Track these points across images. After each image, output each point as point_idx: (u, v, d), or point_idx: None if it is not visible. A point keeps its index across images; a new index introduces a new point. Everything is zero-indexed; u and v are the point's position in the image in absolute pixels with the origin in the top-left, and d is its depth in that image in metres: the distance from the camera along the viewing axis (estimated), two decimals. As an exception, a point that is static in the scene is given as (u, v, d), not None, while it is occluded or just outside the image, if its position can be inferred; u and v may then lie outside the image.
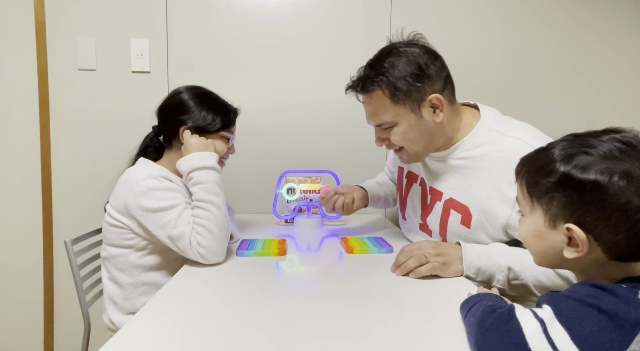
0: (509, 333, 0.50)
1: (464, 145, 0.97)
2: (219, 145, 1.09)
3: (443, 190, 1.00)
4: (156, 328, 0.62)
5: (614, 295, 0.48)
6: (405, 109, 0.92)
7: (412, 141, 0.95)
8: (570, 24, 1.66)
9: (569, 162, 0.52)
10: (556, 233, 0.54)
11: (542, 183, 0.55)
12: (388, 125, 0.95)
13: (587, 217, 0.51)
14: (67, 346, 1.64)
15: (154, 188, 0.95)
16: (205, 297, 0.75)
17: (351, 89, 0.99)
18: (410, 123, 0.93)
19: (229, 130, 1.11)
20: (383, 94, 0.92)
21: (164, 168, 1.04)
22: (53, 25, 1.55)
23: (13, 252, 1.61)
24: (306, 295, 0.77)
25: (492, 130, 0.95)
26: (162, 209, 0.93)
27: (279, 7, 1.60)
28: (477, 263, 0.87)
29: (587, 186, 0.50)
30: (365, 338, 0.59)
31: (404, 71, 0.90)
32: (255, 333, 0.61)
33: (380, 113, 0.94)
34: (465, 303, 0.63)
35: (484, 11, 1.64)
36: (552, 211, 0.54)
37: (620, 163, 0.49)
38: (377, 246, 1.07)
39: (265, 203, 1.61)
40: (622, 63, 1.69)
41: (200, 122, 1.05)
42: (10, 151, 1.59)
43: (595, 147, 0.51)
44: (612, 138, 0.52)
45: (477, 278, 0.87)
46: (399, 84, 0.90)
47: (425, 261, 0.85)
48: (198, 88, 1.10)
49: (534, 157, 0.58)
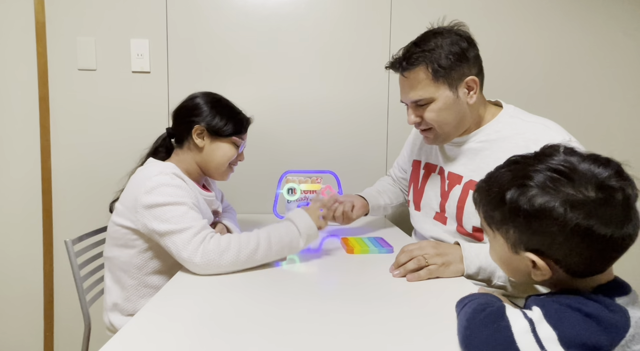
0: (497, 331, 0.50)
1: (486, 130, 1.03)
2: (229, 150, 1.10)
3: (463, 173, 1.03)
4: (156, 328, 0.62)
5: (598, 302, 0.50)
6: (444, 87, 0.97)
7: (444, 119, 0.99)
8: (571, 24, 1.66)
9: (514, 193, 0.53)
10: (520, 258, 0.56)
11: (496, 215, 0.57)
12: (425, 102, 0.99)
13: (541, 243, 0.52)
14: (67, 346, 1.64)
15: (165, 184, 0.94)
16: (205, 297, 0.75)
17: (393, 66, 1.02)
18: (446, 101, 0.97)
19: (240, 136, 1.12)
20: (426, 70, 0.96)
21: (175, 167, 1.03)
22: (53, 25, 1.55)
23: (13, 251, 1.61)
24: (306, 295, 0.77)
25: (514, 117, 1.02)
26: (168, 203, 0.92)
27: (279, 7, 1.60)
28: (478, 262, 0.87)
29: (533, 216, 0.51)
30: (365, 338, 0.59)
31: (447, 50, 0.95)
32: (255, 333, 0.60)
33: (420, 89, 0.98)
34: (460, 301, 0.64)
35: (484, 11, 1.64)
36: (510, 239, 0.56)
37: (556, 193, 0.51)
38: (377, 246, 1.07)
39: (265, 203, 1.61)
40: (623, 63, 1.69)
41: (214, 125, 1.07)
42: (10, 151, 1.59)
43: (532, 178, 0.53)
44: (545, 167, 0.53)
45: (479, 277, 0.88)
46: (442, 62, 0.95)
47: (424, 263, 0.86)
48: (214, 95, 1.13)
49: (486, 186, 0.60)
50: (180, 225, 0.89)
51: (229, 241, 0.88)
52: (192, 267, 0.86)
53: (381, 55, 1.63)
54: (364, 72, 1.63)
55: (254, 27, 1.60)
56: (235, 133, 1.10)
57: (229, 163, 1.12)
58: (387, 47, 1.63)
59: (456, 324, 0.62)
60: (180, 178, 0.99)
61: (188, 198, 0.95)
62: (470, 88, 0.99)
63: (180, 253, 0.87)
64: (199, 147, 1.08)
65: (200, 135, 1.08)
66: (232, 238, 0.90)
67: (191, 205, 0.94)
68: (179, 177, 0.98)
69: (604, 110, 1.69)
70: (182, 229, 0.89)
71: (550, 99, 1.66)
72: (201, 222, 0.92)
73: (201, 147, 1.08)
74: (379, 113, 1.65)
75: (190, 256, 0.86)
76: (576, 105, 1.68)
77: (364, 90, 1.64)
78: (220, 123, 1.08)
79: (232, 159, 1.12)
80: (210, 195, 1.13)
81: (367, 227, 1.38)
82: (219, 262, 0.86)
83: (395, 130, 1.66)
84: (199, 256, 0.85)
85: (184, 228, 0.89)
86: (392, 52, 1.61)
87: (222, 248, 0.87)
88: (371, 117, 1.65)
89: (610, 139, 1.70)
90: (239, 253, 0.87)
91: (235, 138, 1.11)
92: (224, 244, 0.87)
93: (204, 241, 0.87)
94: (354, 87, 1.64)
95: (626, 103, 1.70)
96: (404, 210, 1.59)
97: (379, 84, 1.64)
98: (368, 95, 1.64)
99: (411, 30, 1.61)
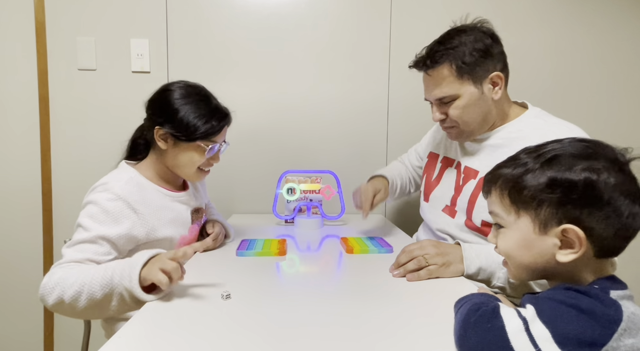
0: (491, 330, 0.50)
1: (508, 128, 1.03)
2: (195, 155, 0.99)
3: (479, 168, 1.03)
4: (156, 328, 0.62)
5: (592, 296, 0.50)
6: (469, 83, 0.97)
7: (469, 116, 1.00)
8: (578, 25, 1.66)
9: (550, 165, 0.53)
10: (547, 238, 0.54)
11: (528, 189, 0.55)
12: (450, 99, 0.99)
13: (580, 215, 0.52)
14: (67, 346, 1.64)
15: (96, 202, 0.90)
16: (204, 297, 0.75)
17: (417, 65, 1.03)
18: (471, 97, 0.98)
19: (209, 139, 1.00)
20: (450, 67, 0.97)
21: (137, 175, 0.99)
22: (53, 25, 1.55)
23: (13, 252, 1.61)
24: (306, 295, 0.77)
25: (538, 118, 1.02)
26: (80, 225, 0.88)
27: (279, 7, 1.60)
28: (478, 263, 0.87)
29: (576, 184, 0.51)
30: (366, 338, 0.59)
31: (471, 47, 0.96)
32: (255, 333, 0.60)
33: (445, 86, 0.98)
34: (459, 301, 0.64)
35: (484, 11, 1.64)
36: (541, 216, 0.54)
37: (594, 161, 0.52)
38: (377, 246, 1.07)
39: (265, 203, 1.61)
40: (625, 63, 1.69)
41: (177, 127, 0.96)
42: (10, 151, 1.59)
43: (565, 149, 0.54)
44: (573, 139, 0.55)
45: (478, 277, 0.88)
46: (466, 59, 0.96)
47: (425, 263, 0.85)
48: (191, 88, 1.02)
49: (507, 169, 0.58)
50: (63, 250, 0.87)
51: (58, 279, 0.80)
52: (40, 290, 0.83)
53: (381, 55, 1.63)
54: (364, 72, 1.63)
55: (254, 27, 1.60)
56: (203, 137, 0.98)
57: (197, 167, 1.02)
58: (387, 47, 1.63)
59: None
60: (124, 200, 0.91)
61: (104, 227, 0.87)
62: (495, 84, 0.99)
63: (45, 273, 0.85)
64: (162, 149, 0.99)
65: (163, 137, 0.98)
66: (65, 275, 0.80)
67: (96, 237, 0.86)
68: (123, 199, 0.91)
69: (612, 112, 1.69)
70: (63, 253, 0.86)
71: (558, 101, 1.65)
72: (80, 255, 0.84)
73: (164, 150, 0.99)
74: (379, 113, 1.65)
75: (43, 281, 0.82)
76: (584, 106, 1.67)
77: (364, 90, 1.64)
78: (184, 126, 0.96)
79: (201, 163, 1.02)
80: (182, 195, 1.06)
81: (367, 227, 1.38)
82: (47, 300, 0.81)
83: (395, 130, 1.66)
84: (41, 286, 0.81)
85: (63, 254, 0.86)
86: (392, 52, 1.63)
87: (50, 286, 0.80)
88: (371, 117, 1.65)
89: (618, 141, 1.69)
90: (63, 294, 0.79)
91: (200, 142, 0.98)
92: (53, 282, 0.80)
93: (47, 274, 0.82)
94: (354, 87, 1.64)
95: (634, 105, 1.70)
96: (404, 210, 1.59)
97: (379, 84, 1.64)
98: (368, 95, 1.64)
99: (411, 30, 1.62)
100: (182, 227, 1.04)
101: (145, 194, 0.97)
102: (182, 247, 0.79)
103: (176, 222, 1.03)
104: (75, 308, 0.79)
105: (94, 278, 0.78)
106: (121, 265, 0.78)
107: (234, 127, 1.71)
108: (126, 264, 0.78)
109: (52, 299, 0.80)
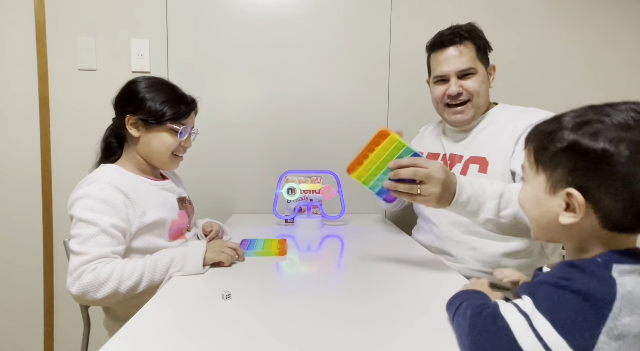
0: (498, 333, 0.50)
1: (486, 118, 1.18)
2: (168, 138, 1.02)
3: (463, 153, 1.16)
4: (156, 328, 0.62)
5: (587, 273, 0.49)
6: (482, 65, 1.16)
7: (482, 90, 1.15)
8: (572, 25, 1.66)
9: (579, 129, 0.52)
10: (555, 199, 0.55)
11: (550, 149, 0.55)
12: (469, 71, 1.14)
13: (589, 183, 0.51)
14: (67, 346, 1.64)
15: (90, 195, 0.90)
16: (205, 297, 0.75)
17: (442, 39, 1.15)
18: (483, 76, 1.16)
19: (179, 121, 1.03)
20: (472, 46, 1.14)
21: (118, 168, 1.00)
22: (53, 25, 1.55)
23: (13, 251, 1.61)
24: (306, 295, 0.77)
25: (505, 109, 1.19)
26: (81, 219, 0.88)
27: (278, 8, 1.60)
28: (470, 191, 0.84)
29: (592, 153, 0.50)
30: (366, 338, 0.59)
31: (483, 37, 1.17)
32: (255, 333, 0.60)
33: (469, 60, 1.13)
34: (451, 303, 0.63)
35: (484, 11, 1.64)
36: (554, 177, 0.54)
37: (631, 132, 0.49)
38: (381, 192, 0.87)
39: (265, 203, 1.61)
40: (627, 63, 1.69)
41: (146, 112, 0.99)
42: (10, 151, 1.59)
43: (610, 115, 0.51)
44: (629, 107, 0.51)
45: (467, 207, 0.85)
46: (481, 44, 1.15)
47: (415, 192, 0.80)
48: (155, 79, 1.06)
49: (546, 124, 0.58)
50: (79, 248, 0.86)
51: (109, 273, 0.84)
52: (71, 294, 0.84)
53: (381, 55, 1.63)
54: (364, 72, 1.63)
55: (254, 27, 1.60)
56: (172, 120, 1.01)
57: (171, 152, 1.04)
58: (387, 47, 1.63)
59: (451, 325, 0.62)
60: (116, 187, 0.93)
61: (108, 217, 0.89)
62: (490, 74, 1.18)
63: (67, 276, 0.85)
64: (135, 137, 1.01)
65: (134, 125, 1.01)
66: (114, 270, 0.84)
67: (104, 228, 0.88)
68: (114, 186, 0.93)
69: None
70: (77, 253, 0.86)
71: (552, 100, 1.66)
72: (102, 250, 0.86)
73: (137, 138, 1.02)
74: (379, 113, 1.65)
75: (69, 284, 0.84)
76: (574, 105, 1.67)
77: (364, 90, 1.64)
78: (153, 110, 0.99)
79: (174, 147, 1.04)
80: (166, 184, 1.09)
81: (367, 227, 1.38)
82: (94, 296, 0.83)
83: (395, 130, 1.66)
84: (75, 287, 0.83)
85: (79, 252, 0.85)
86: (392, 52, 1.63)
87: (99, 281, 0.83)
88: (371, 117, 1.65)
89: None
90: (119, 285, 0.84)
91: (171, 124, 1.01)
92: (103, 277, 0.83)
93: (84, 272, 0.83)
94: (354, 87, 1.64)
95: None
96: (404, 210, 1.59)
97: (379, 84, 1.64)
98: (368, 95, 1.64)
99: (411, 30, 1.62)
100: (172, 212, 1.05)
101: (131, 182, 0.99)
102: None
103: (166, 206, 1.04)
104: (128, 295, 0.85)
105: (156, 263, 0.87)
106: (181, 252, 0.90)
107: (235, 127, 1.72)
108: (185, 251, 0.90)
109: (102, 293, 0.83)
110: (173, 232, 1.04)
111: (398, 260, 0.99)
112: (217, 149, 1.62)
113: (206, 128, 1.60)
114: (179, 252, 0.90)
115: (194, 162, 1.60)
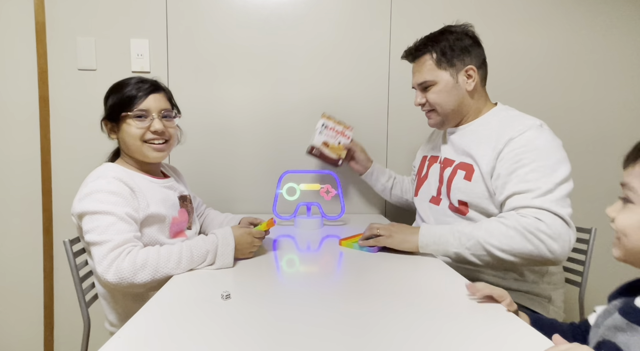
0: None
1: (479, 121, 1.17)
2: (131, 127, 1.01)
3: (454, 158, 1.18)
4: (156, 328, 0.62)
5: None
6: (446, 73, 1.14)
7: (444, 101, 1.16)
8: (571, 25, 1.66)
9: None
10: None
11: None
12: (428, 84, 1.16)
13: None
14: (67, 346, 1.64)
15: (98, 190, 0.91)
16: (204, 297, 0.75)
17: (406, 55, 1.23)
18: (446, 85, 1.15)
19: (135, 109, 1.01)
20: (431, 57, 1.15)
21: (118, 166, 1.01)
22: (53, 25, 1.55)
23: (13, 251, 1.61)
24: (306, 295, 0.77)
25: (502, 111, 1.16)
26: (96, 212, 0.88)
27: (279, 7, 1.60)
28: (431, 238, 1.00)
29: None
30: (366, 338, 0.59)
31: (452, 43, 1.14)
32: (255, 333, 0.60)
33: (425, 73, 1.16)
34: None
35: (484, 11, 1.64)
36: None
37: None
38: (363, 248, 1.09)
39: (265, 203, 1.61)
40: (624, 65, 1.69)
41: (109, 114, 1.03)
42: (10, 151, 1.59)
43: None
44: None
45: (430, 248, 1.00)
46: (446, 52, 1.13)
47: (375, 233, 1.06)
48: (120, 80, 1.07)
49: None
50: (100, 237, 0.85)
51: (145, 259, 0.85)
52: (106, 283, 0.84)
53: (381, 55, 1.63)
54: (364, 72, 1.63)
55: (254, 27, 1.60)
56: (127, 108, 1.01)
57: (142, 140, 1.02)
58: (387, 47, 1.63)
59: (458, 323, 0.62)
60: (120, 180, 0.94)
61: (121, 207, 0.90)
62: (469, 77, 1.14)
63: (96, 267, 0.85)
64: (116, 140, 1.06)
65: (111, 130, 1.05)
66: (150, 255, 0.86)
67: (121, 216, 0.89)
68: (119, 179, 0.94)
69: (603, 112, 1.69)
70: (101, 242, 0.85)
71: (549, 100, 1.66)
72: (125, 235, 0.87)
73: (117, 139, 1.06)
74: (379, 113, 1.65)
75: (103, 272, 0.83)
76: (575, 106, 1.67)
77: (364, 90, 1.64)
78: (109, 109, 1.03)
79: (141, 135, 1.02)
80: (167, 181, 1.10)
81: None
82: (132, 280, 0.83)
83: (395, 130, 1.66)
84: (111, 273, 0.83)
85: (103, 241, 0.85)
86: (392, 51, 1.63)
87: (137, 266, 0.84)
88: (371, 117, 1.65)
89: (617, 140, 1.70)
90: (156, 271, 0.85)
91: (126, 114, 1.01)
92: (139, 262, 0.84)
93: (118, 257, 0.84)
94: (354, 87, 1.64)
95: (625, 105, 1.70)
96: (403, 210, 1.59)
97: (379, 84, 1.64)
98: (368, 95, 1.64)
99: (411, 30, 1.62)
100: (172, 209, 1.06)
101: (132, 178, 1.00)
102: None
103: (166, 202, 1.04)
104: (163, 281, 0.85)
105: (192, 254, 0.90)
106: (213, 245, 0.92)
107: (235, 126, 1.71)
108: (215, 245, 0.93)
109: (140, 278, 0.84)
110: (173, 229, 1.05)
111: (398, 260, 0.99)
112: (217, 149, 1.62)
113: (206, 128, 1.61)
114: (211, 245, 0.92)
115: (194, 161, 1.60)
